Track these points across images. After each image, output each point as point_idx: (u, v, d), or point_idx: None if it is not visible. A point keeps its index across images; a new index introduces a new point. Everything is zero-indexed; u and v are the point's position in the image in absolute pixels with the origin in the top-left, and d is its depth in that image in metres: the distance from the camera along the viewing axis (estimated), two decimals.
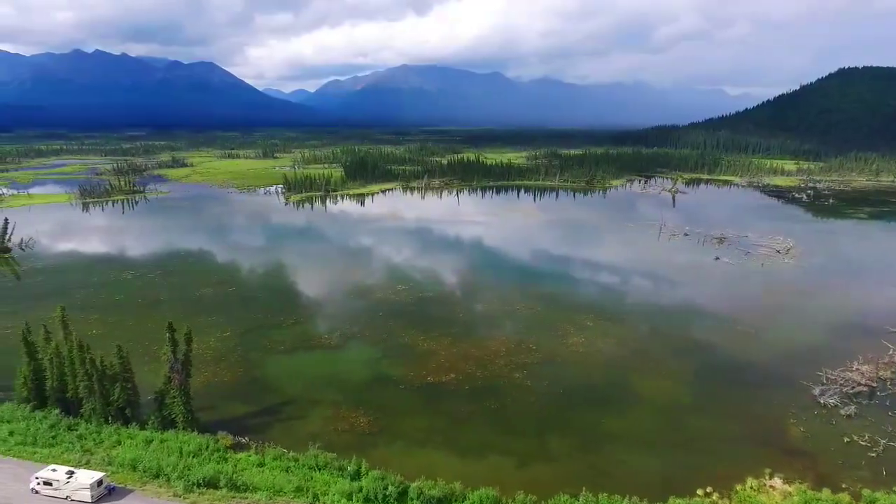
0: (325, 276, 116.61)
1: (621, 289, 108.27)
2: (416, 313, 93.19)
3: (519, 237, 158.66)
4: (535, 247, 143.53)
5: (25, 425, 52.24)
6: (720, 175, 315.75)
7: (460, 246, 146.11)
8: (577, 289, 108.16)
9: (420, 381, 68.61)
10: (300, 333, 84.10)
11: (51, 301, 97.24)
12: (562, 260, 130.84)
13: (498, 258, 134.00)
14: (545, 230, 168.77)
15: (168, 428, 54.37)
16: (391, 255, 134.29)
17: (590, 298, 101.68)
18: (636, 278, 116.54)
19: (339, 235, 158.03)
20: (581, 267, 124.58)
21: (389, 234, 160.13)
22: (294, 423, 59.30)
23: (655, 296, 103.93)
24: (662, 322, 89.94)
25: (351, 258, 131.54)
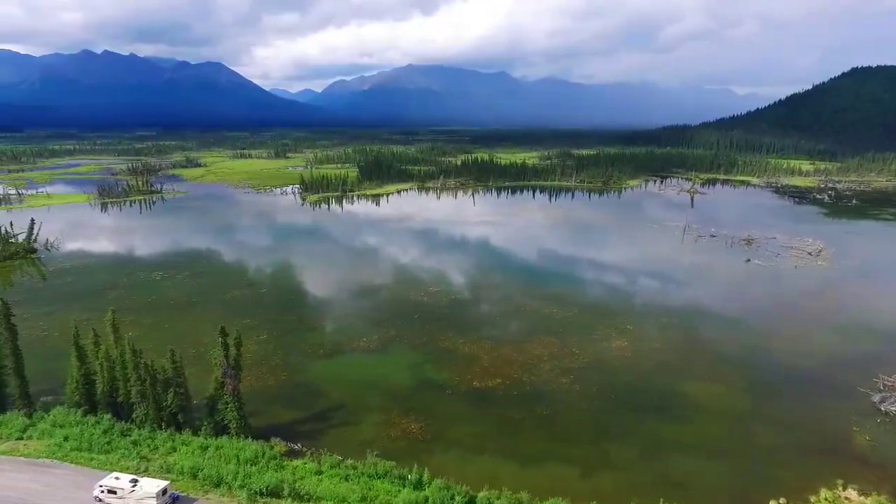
0: (355, 277, 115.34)
1: (657, 291, 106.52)
2: (451, 316, 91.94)
3: (544, 239, 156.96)
4: (562, 249, 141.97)
5: (79, 430, 51.33)
6: (737, 175, 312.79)
7: (487, 247, 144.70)
8: (610, 292, 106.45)
9: (466, 387, 67.37)
10: (338, 337, 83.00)
11: (83, 302, 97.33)
12: (591, 263, 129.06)
13: (526, 260, 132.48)
14: (570, 232, 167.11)
15: (221, 434, 53.40)
16: (419, 257, 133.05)
17: (625, 301, 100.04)
18: (670, 281, 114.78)
19: (364, 237, 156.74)
20: (612, 270, 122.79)
21: (414, 235, 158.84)
22: (345, 430, 58.16)
23: (693, 299, 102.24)
24: (705, 325, 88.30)
25: (379, 260, 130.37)
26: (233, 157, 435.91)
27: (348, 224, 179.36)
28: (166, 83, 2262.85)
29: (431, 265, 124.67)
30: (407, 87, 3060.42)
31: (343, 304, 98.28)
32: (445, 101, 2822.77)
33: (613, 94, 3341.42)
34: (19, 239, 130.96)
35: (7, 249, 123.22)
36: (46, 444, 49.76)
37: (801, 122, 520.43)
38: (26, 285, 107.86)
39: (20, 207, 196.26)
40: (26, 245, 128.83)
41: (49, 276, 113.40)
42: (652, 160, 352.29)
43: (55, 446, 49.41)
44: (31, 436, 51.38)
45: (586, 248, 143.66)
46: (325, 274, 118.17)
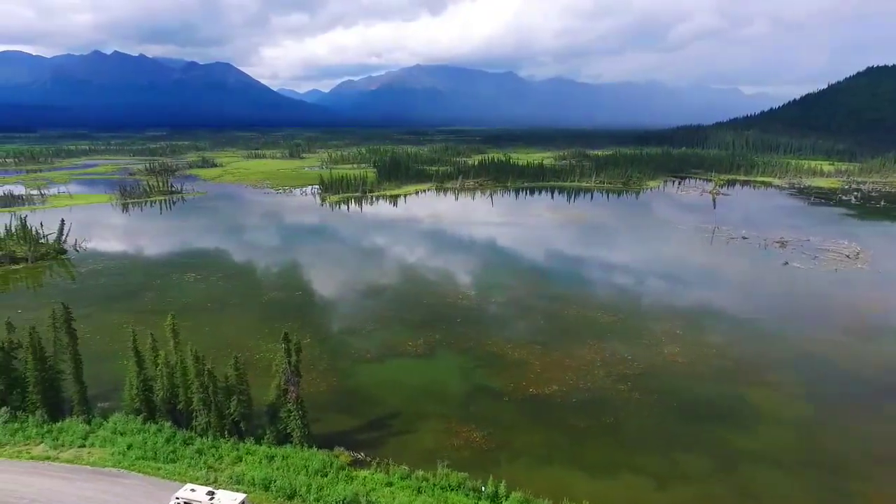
0: (389, 279, 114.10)
1: (699, 295, 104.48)
2: (493, 319, 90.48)
3: (575, 241, 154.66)
4: (595, 252, 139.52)
5: (142, 438, 50.17)
6: (757, 176, 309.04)
7: (517, 250, 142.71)
8: (651, 296, 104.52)
9: (522, 393, 65.80)
10: (382, 340, 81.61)
11: (120, 303, 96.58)
12: (627, 266, 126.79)
13: (559, 263, 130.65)
14: (600, 234, 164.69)
15: (283, 443, 52.15)
16: (451, 259, 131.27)
17: (668, 305, 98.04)
18: (712, 284, 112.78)
19: (392, 238, 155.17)
20: (649, 273, 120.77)
21: (443, 237, 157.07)
22: (406, 438, 56.75)
23: (737, 302, 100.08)
24: (752, 330, 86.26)
25: (410, 262, 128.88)
26: (247, 157, 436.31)
27: (374, 225, 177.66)
28: (175, 83, 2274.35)
29: (464, 267, 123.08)
30: (414, 87, 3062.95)
31: (380, 307, 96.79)
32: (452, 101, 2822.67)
33: (620, 94, 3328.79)
34: (49, 240, 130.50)
35: (38, 250, 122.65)
36: (110, 453, 48.61)
37: (817, 121, 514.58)
38: (60, 286, 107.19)
39: (43, 208, 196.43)
40: (56, 246, 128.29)
41: (81, 278, 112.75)
42: (669, 161, 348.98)
43: (119, 455, 48.24)
44: (93, 443, 50.24)
45: (620, 251, 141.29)
46: (358, 275, 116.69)
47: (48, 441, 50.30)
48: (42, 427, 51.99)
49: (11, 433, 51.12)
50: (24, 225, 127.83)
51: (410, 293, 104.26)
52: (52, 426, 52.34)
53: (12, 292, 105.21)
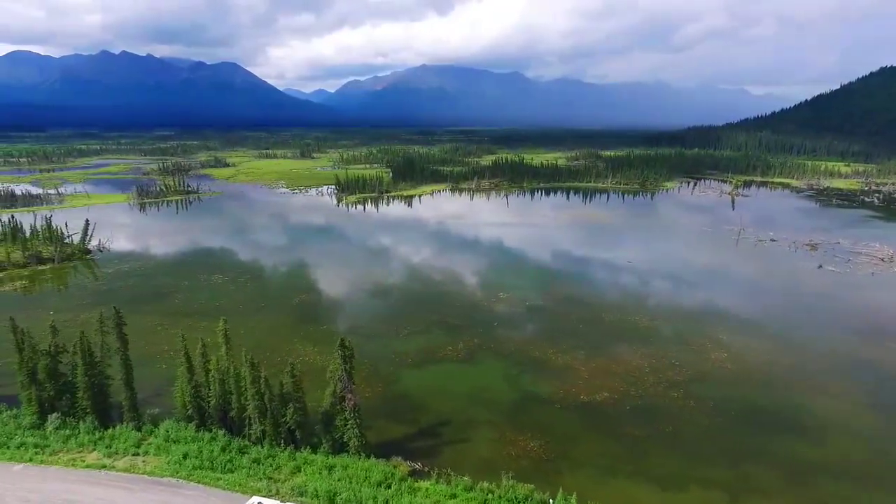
0: (419, 281, 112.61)
1: (738, 299, 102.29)
2: (531, 323, 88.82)
3: (600, 242, 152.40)
4: (623, 254, 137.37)
5: (197, 447, 48.80)
6: (774, 178, 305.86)
7: (544, 251, 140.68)
8: (689, 299, 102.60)
9: (573, 400, 64.14)
10: (421, 345, 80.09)
11: (151, 305, 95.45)
12: (659, 268, 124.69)
13: (588, 264, 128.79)
14: (625, 236, 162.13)
15: (339, 452, 50.71)
16: (480, 261, 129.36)
17: (708, 309, 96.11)
18: (749, 287, 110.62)
19: (416, 239, 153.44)
20: (683, 276, 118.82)
21: (467, 239, 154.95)
22: (460, 447, 55.19)
23: (777, 306, 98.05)
24: (798, 335, 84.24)
25: (438, 264, 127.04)
26: (258, 156, 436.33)
27: (396, 227, 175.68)
28: (183, 83, 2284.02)
29: (493, 270, 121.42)
30: (419, 87, 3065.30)
31: (414, 310, 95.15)
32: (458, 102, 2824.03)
33: (627, 94, 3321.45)
34: (74, 240, 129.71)
35: (64, 251, 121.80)
36: (166, 461, 47.27)
37: (830, 122, 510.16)
38: (89, 288, 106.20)
39: (61, 207, 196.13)
40: (81, 246, 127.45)
41: (109, 279, 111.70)
42: (683, 162, 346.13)
43: (175, 464, 46.88)
44: (147, 451, 48.93)
45: (649, 254, 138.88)
46: (386, 278, 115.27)
47: (101, 448, 49.05)
48: (94, 434, 50.75)
49: (63, 440, 49.89)
50: (49, 225, 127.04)
51: (443, 296, 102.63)
52: (104, 433, 51.10)
53: (42, 293, 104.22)
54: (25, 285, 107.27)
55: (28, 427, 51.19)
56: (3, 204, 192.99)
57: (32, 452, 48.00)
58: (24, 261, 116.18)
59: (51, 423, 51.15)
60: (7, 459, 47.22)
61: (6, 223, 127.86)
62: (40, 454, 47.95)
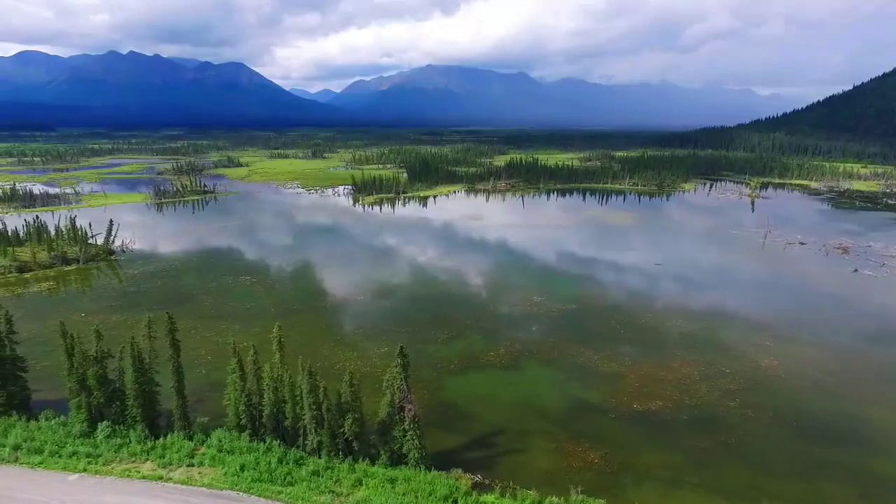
0: (450, 285, 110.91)
1: (777, 304, 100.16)
2: (570, 328, 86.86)
3: (628, 245, 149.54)
4: (653, 257, 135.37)
5: (253, 458, 47.28)
6: (792, 179, 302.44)
7: (572, 253, 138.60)
8: (726, 303, 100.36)
9: (627, 409, 62.32)
10: (461, 350, 78.43)
11: (182, 307, 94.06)
12: (690, 271, 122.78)
13: (619, 267, 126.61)
14: (651, 238, 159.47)
15: (397, 463, 49.10)
16: (509, 265, 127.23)
17: (748, 314, 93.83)
18: (786, 291, 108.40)
19: (440, 243, 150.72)
20: (716, 279, 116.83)
21: (493, 241, 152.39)
22: (518, 458, 53.49)
23: (820, 311, 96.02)
24: (849, 342, 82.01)
25: (469, 268, 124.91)
26: (270, 156, 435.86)
27: (418, 228, 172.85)
28: (190, 83, 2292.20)
29: (525, 273, 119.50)
30: (425, 87, 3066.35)
31: (448, 314, 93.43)
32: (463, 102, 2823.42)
33: (633, 95, 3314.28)
34: (97, 240, 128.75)
35: (88, 252, 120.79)
36: (223, 473, 45.76)
37: (844, 123, 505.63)
38: (117, 289, 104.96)
39: (79, 207, 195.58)
40: (105, 247, 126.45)
41: (136, 280, 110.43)
42: (698, 163, 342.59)
43: (233, 476, 45.37)
44: (201, 462, 47.45)
45: (679, 256, 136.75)
46: (416, 280, 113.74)
47: (154, 458, 47.61)
48: (145, 443, 49.32)
49: (115, 449, 48.49)
50: (73, 225, 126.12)
51: (475, 300, 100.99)
52: (155, 442, 49.65)
53: (71, 295, 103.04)
54: (53, 286, 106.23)
55: (78, 435, 49.77)
56: (22, 203, 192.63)
57: (86, 462, 46.63)
58: (49, 261, 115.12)
59: (101, 431, 49.78)
60: (61, 468, 45.87)
61: (31, 223, 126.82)
62: (94, 464, 46.55)
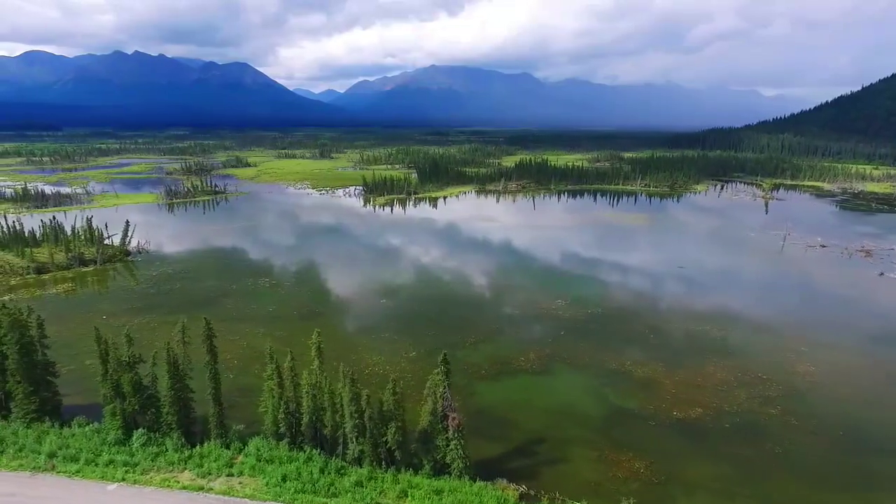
0: (472, 287, 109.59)
1: (806, 308, 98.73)
2: (597, 333, 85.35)
3: (647, 247, 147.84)
4: (673, 259, 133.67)
5: (294, 468, 46.03)
6: (805, 181, 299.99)
7: (591, 255, 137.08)
8: (755, 307, 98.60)
9: (666, 416, 60.86)
10: (490, 354, 77.06)
11: (203, 310, 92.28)
12: (713, 274, 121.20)
13: (640, 270, 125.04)
14: (669, 240, 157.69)
15: (440, 473, 47.79)
16: (529, 266, 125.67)
17: (778, 318, 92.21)
18: (814, 295, 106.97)
19: (456, 244, 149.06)
20: (740, 281, 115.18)
21: (510, 242, 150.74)
22: (561, 467, 52.12)
23: (850, 316, 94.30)
24: (884, 348, 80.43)
25: (487, 269, 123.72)
26: (277, 156, 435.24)
27: (433, 230, 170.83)
28: (194, 83, 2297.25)
29: (542, 275, 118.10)
30: (429, 87, 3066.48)
31: (472, 317, 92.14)
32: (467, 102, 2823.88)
33: (637, 96, 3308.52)
34: (113, 241, 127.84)
35: (105, 253, 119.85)
36: (265, 483, 44.52)
37: (854, 124, 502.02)
38: (136, 291, 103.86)
39: (91, 207, 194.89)
40: (121, 248, 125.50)
41: (155, 282, 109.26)
42: (708, 164, 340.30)
43: (275, 486, 44.13)
44: (241, 472, 46.21)
45: (700, 258, 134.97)
46: (436, 283, 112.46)
47: (192, 468, 46.39)
48: (182, 451, 48.12)
49: (152, 457, 47.28)
50: (90, 226, 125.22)
51: (499, 303, 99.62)
52: (193, 451, 48.43)
53: (90, 296, 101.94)
54: (72, 288, 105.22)
55: (113, 443, 48.60)
56: (35, 204, 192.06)
57: (123, 471, 45.45)
58: (67, 262, 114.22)
59: (137, 439, 48.59)
60: (99, 477, 44.71)
61: (47, 224, 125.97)
62: (131, 473, 45.37)
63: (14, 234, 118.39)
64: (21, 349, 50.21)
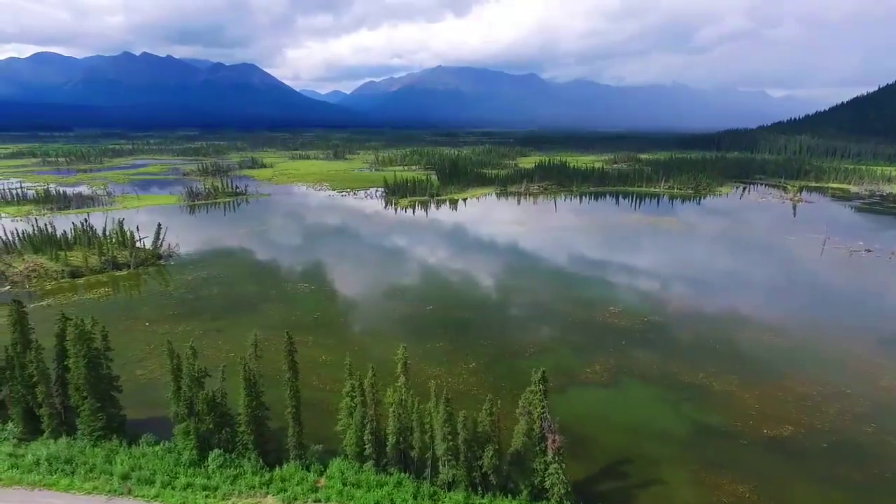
0: (521, 292, 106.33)
1: (873, 316, 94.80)
2: (661, 342, 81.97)
3: (687, 252, 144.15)
4: (717, 264, 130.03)
5: (385, 493, 43.02)
6: (830, 183, 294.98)
7: (632, 260, 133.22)
8: (818, 315, 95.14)
9: (756, 434, 57.47)
10: (554, 365, 73.39)
11: (245, 317, 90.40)
12: (765, 280, 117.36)
13: (686, 274, 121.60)
14: (707, 244, 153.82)
15: (538, 498, 44.62)
16: (568, 271, 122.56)
17: (845, 327, 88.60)
18: (877, 303, 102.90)
19: (494, 248, 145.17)
20: (798, 289, 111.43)
21: (543, 246, 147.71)
22: (657, 490, 48.90)
23: None
24: None
25: (531, 275, 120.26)
26: (290, 157, 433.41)
27: (463, 233, 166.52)
28: (202, 84, 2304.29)
29: (588, 280, 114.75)
30: (435, 88, 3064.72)
31: (528, 325, 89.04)
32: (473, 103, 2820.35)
33: (644, 97, 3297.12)
34: (144, 244, 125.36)
35: (138, 256, 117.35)
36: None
37: (873, 125, 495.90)
38: (175, 296, 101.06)
39: (113, 209, 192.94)
40: (154, 251, 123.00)
41: (192, 287, 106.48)
42: (728, 165, 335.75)
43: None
44: (327, 497, 43.19)
45: (744, 264, 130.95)
46: (480, 289, 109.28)
47: (275, 492, 43.43)
48: (261, 474, 45.17)
49: (230, 480, 44.33)
50: (121, 228, 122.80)
51: (551, 311, 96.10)
52: (272, 473, 45.45)
53: (128, 301, 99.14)
54: (108, 293, 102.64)
55: (188, 464, 45.67)
56: (58, 205, 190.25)
57: (202, 495, 42.55)
58: (100, 266, 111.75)
59: (213, 460, 45.64)
60: (178, 502, 41.70)
61: (78, 226, 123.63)
62: (212, 497, 42.45)
63: (47, 237, 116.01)
64: (88, 363, 47.37)
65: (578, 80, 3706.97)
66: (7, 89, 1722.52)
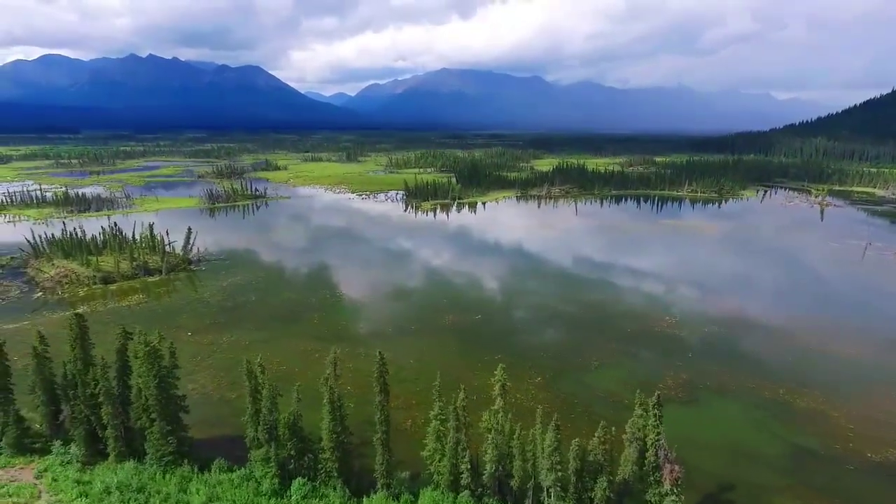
0: (568, 300, 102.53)
1: None
2: (729, 354, 78.18)
3: (733, 258, 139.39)
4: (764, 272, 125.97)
5: None
6: (854, 186, 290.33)
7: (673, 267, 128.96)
8: (889, 327, 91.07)
9: (861, 458, 53.83)
10: (623, 380, 70.01)
11: (292, 327, 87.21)
12: (819, 289, 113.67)
13: (737, 281, 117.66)
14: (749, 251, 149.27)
15: None
16: (616, 278, 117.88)
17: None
18: None
19: (529, 254, 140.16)
20: (861, 299, 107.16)
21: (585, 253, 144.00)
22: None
23: None
24: None
25: (577, 280, 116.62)
26: (303, 159, 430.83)
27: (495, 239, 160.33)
28: (208, 86, 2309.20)
29: (638, 288, 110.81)
30: (439, 90, 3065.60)
31: (584, 336, 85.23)
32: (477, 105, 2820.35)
33: (648, 99, 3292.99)
34: (174, 249, 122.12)
35: (170, 261, 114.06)
36: None
37: (889, 128, 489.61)
38: (212, 304, 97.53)
39: (132, 212, 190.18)
40: (185, 256, 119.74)
41: (228, 294, 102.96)
42: (749, 169, 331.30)
43: None
44: None
45: (795, 273, 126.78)
46: (527, 297, 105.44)
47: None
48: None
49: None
50: (151, 232, 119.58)
51: (607, 319, 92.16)
52: (360, 503, 41.83)
53: (165, 309, 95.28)
54: (143, 300, 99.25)
55: (269, 494, 42.07)
56: (77, 207, 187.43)
57: None
58: (132, 272, 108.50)
59: (296, 489, 42.06)
60: None
61: (107, 230, 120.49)
62: None
63: (77, 241, 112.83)
64: (159, 383, 43.88)
65: (583, 83, 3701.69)
66: (15, 91, 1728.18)
